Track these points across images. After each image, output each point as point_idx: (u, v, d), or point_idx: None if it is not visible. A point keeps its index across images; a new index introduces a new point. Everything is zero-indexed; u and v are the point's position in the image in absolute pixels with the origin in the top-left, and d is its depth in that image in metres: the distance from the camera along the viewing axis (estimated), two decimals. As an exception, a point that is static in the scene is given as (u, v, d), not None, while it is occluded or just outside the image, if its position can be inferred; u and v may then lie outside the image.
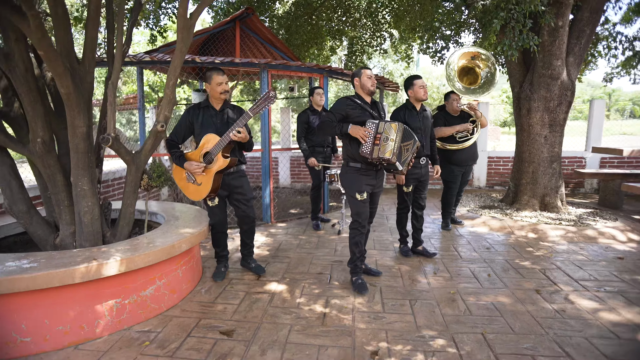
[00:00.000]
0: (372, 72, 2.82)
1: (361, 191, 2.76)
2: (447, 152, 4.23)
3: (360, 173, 2.77)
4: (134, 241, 2.48)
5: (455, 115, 4.25)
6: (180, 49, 2.47)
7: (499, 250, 3.61)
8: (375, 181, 2.83)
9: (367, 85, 2.77)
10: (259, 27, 6.35)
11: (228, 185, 2.86)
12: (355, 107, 2.76)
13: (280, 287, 2.86)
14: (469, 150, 4.21)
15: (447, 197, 4.37)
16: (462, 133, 4.15)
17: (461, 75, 4.25)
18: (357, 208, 2.80)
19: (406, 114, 3.29)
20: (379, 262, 3.34)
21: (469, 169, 4.38)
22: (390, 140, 2.61)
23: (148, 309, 2.37)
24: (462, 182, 4.40)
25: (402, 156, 2.70)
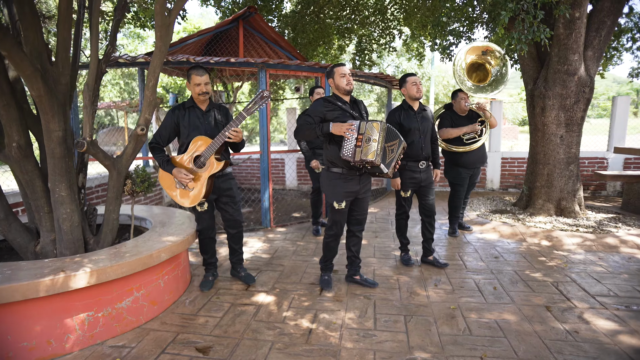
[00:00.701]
0: (347, 69, 2.63)
1: (339, 200, 2.61)
2: (454, 154, 4.00)
3: (343, 179, 2.61)
4: (112, 250, 2.37)
5: (462, 115, 4.01)
6: (159, 48, 2.34)
7: (508, 260, 3.35)
8: (359, 187, 2.65)
9: (341, 85, 2.59)
10: (263, 26, 6.22)
11: (217, 189, 2.73)
12: (333, 109, 2.59)
13: (269, 298, 2.70)
14: (477, 152, 3.96)
15: (454, 201, 4.13)
16: (469, 134, 3.90)
17: (470, 72, 4.00)
18: (334, 216, 2.67)
19: (402, 115, 3.08)
20: (377, 272, 3.14)
21: (477, 171, 4.12)
22: (373, 140, 2.42)
23: (124, 322, 2.25)
24: (469, 185, 4.14)
25: (387, 157, 2.51)
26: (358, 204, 2.72)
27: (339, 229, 2.72)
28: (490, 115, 3.89)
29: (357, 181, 2.62)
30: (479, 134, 3.94)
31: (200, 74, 2.58)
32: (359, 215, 2.76)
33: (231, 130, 2.42)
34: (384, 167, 2.47)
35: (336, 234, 2.74)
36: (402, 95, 3.22)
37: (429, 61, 18.09)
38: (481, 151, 4.00)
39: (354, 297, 2.69)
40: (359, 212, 2.74)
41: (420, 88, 3.05)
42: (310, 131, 2.54)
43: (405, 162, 3.09)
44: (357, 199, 2.70)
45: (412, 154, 3.06)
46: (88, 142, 2.25)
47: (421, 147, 3.07)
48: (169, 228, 2.87)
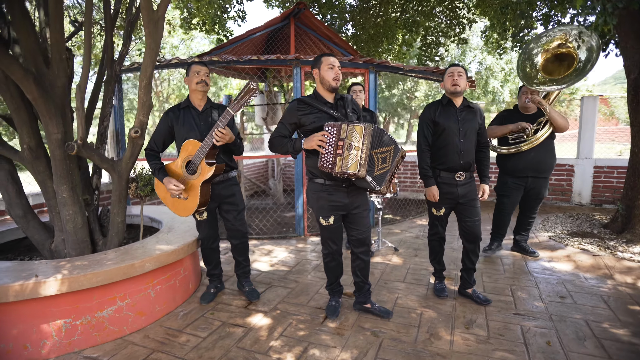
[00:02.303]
0: (336, 61, 2.17)
1: (325, 216, 2.22)
2: (498, 157, 3.34)
3: (326, 191, 2.20)
4: (99, 256, 2.31)
5: (526, 115, 3.26)
6: (149, 46, 2.21)
7: (580, 303, 2.55)
8: (348, 200, 2.21)
9: (327, 77, 2.15)
10: (315, 22, 5.97)
11: (218, 196, 2.52)
12: (309, 111, 2.17)
13: (264, 320, 2.42)
14: (529, 157, 3.20)
15: (498, 216, 3.43)
16: (516, 133, 3.16)
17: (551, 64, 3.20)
18: (322, 234, 2.30)
19: (438, 111, 2.52)
20: (399, 302, 2.64)
21: (538, 183, 3.29)
22: (355, 148, 1.97)
23: (106, 332, 2.17)
24: (528, 200, 3.36)
25: (376, 168, 2.02)
26: (353, 220, 2.28)
27: (332, 249, 2.34)
28: (547, 111, 3.08)
29: (345, 193, 2.20)
30: (528, 134, 3.16)
31: (199, 65, 2.42)
32: (359, 234, 2.30)
33: (217, 131, 2.18)
34: (373, 182, 2.01)
35: (330, 253, 2.36)
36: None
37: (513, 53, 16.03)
38: (536, 157, 3.21)
39: (359, 332, 2.25)
40: (357, 231, 2.29)
41: (458, 81, 2.44)
42: (282, 147, 2.19)
43: (438, 173, 2.53)
44: (350, 215, 2.27)
45: (446, 160, 2.49)
46: (79, 144, 2.22)
47: (459, 154, 2.47)
48: (172, 234, 2.77)
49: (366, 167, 1.99)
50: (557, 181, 5.47)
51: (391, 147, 2.04)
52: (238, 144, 2.47)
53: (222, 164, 2.38)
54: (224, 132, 2.19)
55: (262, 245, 4.04)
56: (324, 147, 2.04)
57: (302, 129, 2.22)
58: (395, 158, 2.04)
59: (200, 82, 2.39)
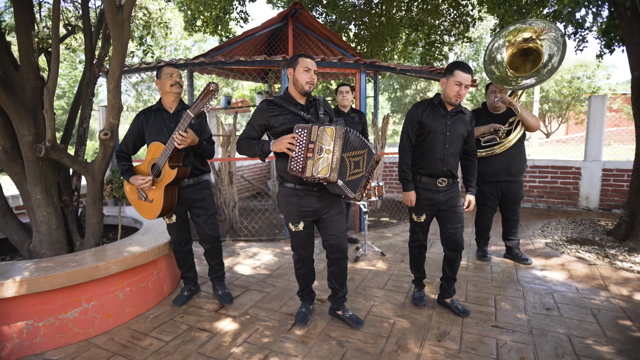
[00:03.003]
0: (313, 64, 2.08)
1: (294, 221, 2.14)
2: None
3: (296, 195, 2.12)
4: (66, 257, 2.31)
5: (496, 114, 3.15)
6: (115, 48, 2.20)
7: (566, 317, 2.40)
8: (319, 204, 2.13)
9: (301, 80, 2.07)
10: (313, 23, 5.92)
11: (187, 199, 2.50)
12: (279, 113, 2.09)
13: (231, 326, 2.38)
14: (500, 161, 3.08)
15: (479, 223, 3.36)
16: (488, 136, 3.02)
17: (517, 60, 3.08)
18: (292, 241, 2.22)
19: (426, 111, 2.36)
20: (373, 310, 2.55)
21: (512, 186, 3.17)
22: (326, 151, 1.89)
23: (70, 334, 2.17)
24: (507, 203, 3.25)
25: (348, 172, 1.94)
26: (325, 225, 2.20)
27: (302, 255, 2.26)
28: (519, 111, 2.94)
29: (316, 198, 2.13)
30: (500, 135, 3.02)
31: (171, 66, 2.40)
32: (332, 240, 2.22)
33: (177, 134, 2.15)
34: (345, 188, 1.93)
35: (300, 260, 2.29)
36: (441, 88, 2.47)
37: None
38: (508, 160, 3.08)
39: (325, 341, 2.18)
40: (330, 236, 2.21)
41: (463, 94, 2.24)
42: (250, 149, 2.11)
43: (419, 177, 2.42)
44: (322, 220, 2.19)
45: (428, 166, 2.37)
46: (47, 146, 2.23)
47: (442, 160, 2.34)
48: (148, 235, 2.77)
49: (337, 171, 1.91)
50: (563, 184, 5.23)
51: (364, 151, 1.96)
52: (205, 146, 2.43)
53: (187, 167, 2.35)
54: (185, 135, 2.15)
55: (250, 247, 4.01)
56: (293, 150, 1.96)
57: (271, 131, 2.15)
58: (370, 163, 1.97)
59: (175, 84, 2.37)
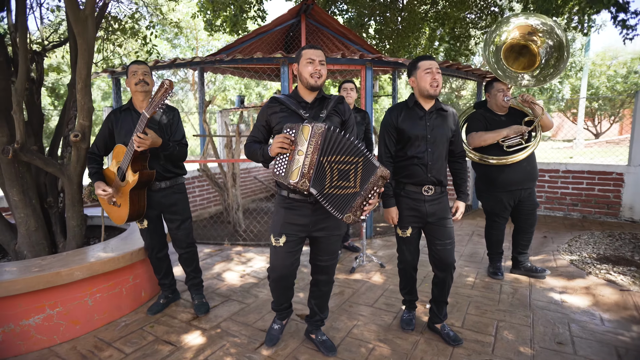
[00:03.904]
0: (318, 54, 1.84)
1: (276, 234, 1.87)
2: (489, 170, 2.82)
3: (287, 206, 1.88)
4: (34, 261, 2.27)
5: (501, 114, 2.79)
6: (81, 47, 2.13)
7: (581, 355, 2.02)
8: (309, 219, 1.86)
9: (305, 73, 1.83)
10: (326, 19, 5.71)
11: (158, 204, 2.39)
12: (280, 110, 1.86)
13: (198, 340, 2.23)
14: (523, 166, 2.75)
15: (491, 236, 3.01)
16: (512, 139, 2.66)
17: (509, 58, 2.72)
18: (270, 257, 1.93)
19: (401, 116, 2.11)
20: (354, 332, 2.30)
21: (527, 193, 2.83)
22: (299, 152, 1.65)
23: (32, 341, 2.12)
24: (523, 213, 2.90)
25: (328, 182, 1.68)
26: (317, 244, 1.96)
27: (277, 275, 1.95)
28: (542, 111, 2.58)
29: (310, 211, 1.85)
30: (525, 138, 2.66)
31: (138, 64, 2.28)
32: (321, 262, 1.99)
33: (135, 136, 2.02)
34: (325, 202, 1.67)
35: (275, 280, 1.98)
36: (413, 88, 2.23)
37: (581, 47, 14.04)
38: (529, 165, 2.76)
39: (290, 366, 1.98)
40: (320, 258, 1.98)
41: (439, 80, 2.01)
42: (254, 157, 1.88)
43: (403, 186, 2.15)
44: (312, 238, 1.94)
45: (412, 173, 2.10)
46: (16, 148, 2.19)
47: (426, 165, 2.06)
48: (127, 240, 2.69)
49: (311, 178, 1.65)
50: (601, 192, 4.64)
51: (357, 159, 1.66)
52: (171, 148, 2.28)
53: (152, 170, 2.22)
54: (143, 137, 2.03)
55: (246, 252, 3.88)
56: (283, 152, 1.70)
57: (273, 132, 1.92)
58: (368, 178, 1.67)
59: (139, 82, 2.25)
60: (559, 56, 2.61)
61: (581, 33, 6.50)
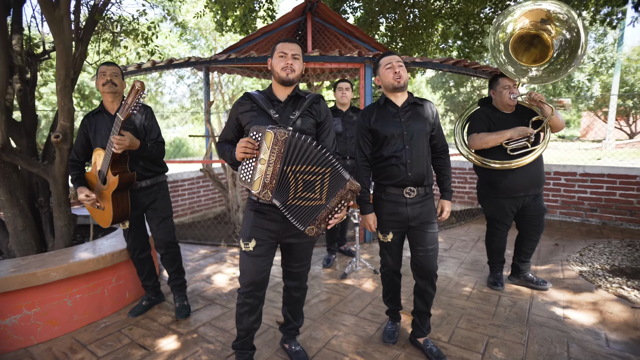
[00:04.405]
0: (292, 48, 1.71)
1: (246, 238, 1.75)
2: (490, 174, 2.63)
3: (257, 210, 1.76)
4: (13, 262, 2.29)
5: (507, 113, 2.59)
6: (57, 47, 2.12)
7: (576, 378, 1.83)
8: (279, 225, 1.74)
9: (276, 69, 1.70)
10: (333, 17, 5.60)
11: (140, 203, 2.36)
12: (249, 108, 1.74)
13: (172, 345, 2.19)
14: (528, 171, 2.53)
15: (492, 243, 2.81)
16: (517, 142, 2.46)
17: (518, 50, 2.50)
18: (240, 262, 1.81)
19: (373, 117, 1.99)
20: (333, 342, 2.19)
21: (534, 200, 2.62)
22: (261, 161, 1.54)
23: (8, 341, 2.13)
24: (530, 219, 2.67)
25: (292, 193, 1.57)
26: (288, 251, 1.86)
27: (247, 286, 1.76)
28: (552, 110, 2.36)
29: (279, 217, 1.71)
30: (532, 140, 2.45)
31: (107, 65, 2.25)
32: (292, 268, 1.89)
33: (112, 138, 2.00)
34: (288, 213, 1.58)
35: (246, 285, 1.77)
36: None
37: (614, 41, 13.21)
38: (535, 169, 2.54)
39: (259, 377, 1.89)
40: (290, 264, 1.89)
41: (401, 72, 1.92)
42: (224, 158, 1.78)
43: (383, 188, 2.02)
44: (283, 244, 1.84)
45: (391, 175, 1.97)
46: (-3, 149, 2.22)
47: (405, 164, 1.93)
48: (113, 241, 2.69)
49: (273, 189, 1.55)
50: (623, 197, 4.30)
51: (325, 170, 1.55)
52: (149, 149, 2.24)
53: (132, 173, 2.20)
54: (119, 138, 2.00)
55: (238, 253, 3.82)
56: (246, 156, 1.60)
57: (244, 132, 1.78)
58: (335, 190, 1.56)
59: (107, 83, 2.21)
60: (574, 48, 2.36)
61: (609, 27, 6.10)
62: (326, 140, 1.82)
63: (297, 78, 1.74)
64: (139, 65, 3.81)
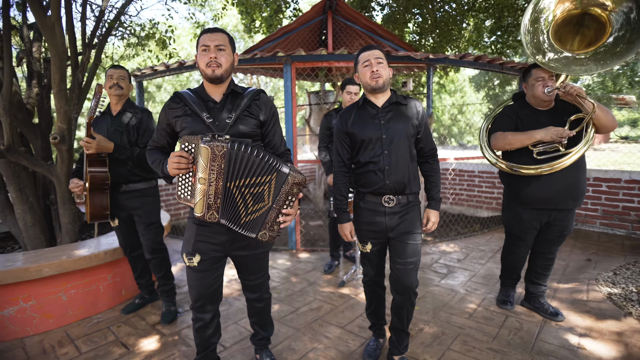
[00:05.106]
0: (214, 39, 1.52)
1: (189, 253, 1.62)
2: (512, 179, 2.30)
3: (199, 222, 1.61)
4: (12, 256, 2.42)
5: (541, 110, 2.23)
6: (51, 53, 2.21)
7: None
8: (225, 237, 1.62)
9: (201, 65, 1.55)
10: (353, 14, 5.45)
11: (123, 206, 2.39)
12: (181, 113, 1.56)
13: (152, 345, 2.20)
14: (560, 180, 2.14)
15: (506, 260, 2.53)
16: (547, 145, 2.12)
17: (566, 37, 2.16)
18: (187, 280, 1.69)
19: (351, 118, 1.83)
20: (309, 356, 2.09)
21: (566, 215, 2.25)
22: (200, 181, 1.42)
23: (5, 331, 2.26)
24: (548, 235, 2.33)
25: (241, 211, 1.47)
26: (239, 264, 1.76)
27: (197, 302, 1.68)
28: (593, 107, 2.00)
29: (224, 228, 1.59)
30: (564, 143, 2.10)
31: (115, 68, 2.32)
32: (248, 281, 1.81)
33: (81, 142, 2.05)
34: (239, 228, 1.49)
35: (197, 307, 1.70)
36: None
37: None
38: (571, 178, 2.15)
39: (224, 387, 1.84)
40: (247, 277, 1.80)
41: (380, 71, 1.74)
42: (154, 167, 1.62)
43: (362, 196, 1.88)
44: (235, 257, 1.72)
45: (368, 182, 1.82)
46: (2, 149, 2.36)
47: (382, 170, 1.76)
48: (110, 238, 2.77)
49: (219, 209, 1.45)
50: (677, 209, 3.74)
51: (270, 177, 1.44)
52: (127, 152, 2.24)
53: (104, 174, 2.22)
54: (87, 140, 2.09)
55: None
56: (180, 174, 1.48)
57: (179, 137, 1.62)
58: (281, 188, 1.45)
59: (114, 86, 2.29)
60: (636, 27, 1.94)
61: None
62: (273, 140, 1.69)
63: (226, 72, 1.55)
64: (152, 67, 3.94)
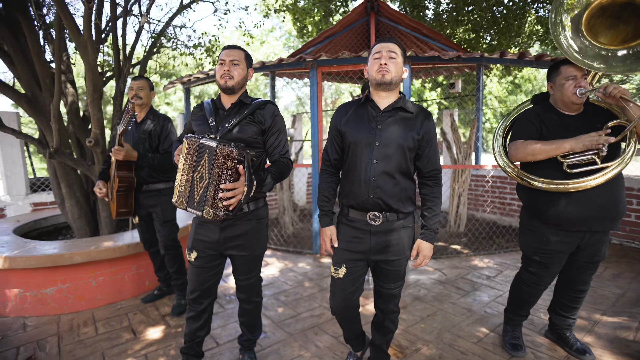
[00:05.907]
0: (231, 52, 1.70)
1: (189, 248, 1.79)
2: (533, 195, 1.92)
3: (197, 220, 1.79)
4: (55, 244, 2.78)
5: (570, 114, 1.88)
6: (85, 66, 2.52)
7: None
8: (218, 236, 1.71)
9: (217, 76, 1.72)
10: (396, 14, 5.30)
11: (143, 204, 2.61)
12: (197, 117, 1.80)
13: (155, 334, 2.38)
14: (597, 196, 1.76)
15: (522, 290, 2.09)
16: (580, 155, 1.77)
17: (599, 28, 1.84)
18: (188, 274, 1.84)
19: (347, 115, 1.68)
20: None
21: (599, 239, 1.86)
22: (178, 170, 1.60)
23: (48, 307, 2.63)
24: (577, 262, 1.96)
25: (196, 194, 1.56)
26: (233, 263, 1.84)
27: (193, 287, 1.78)
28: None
29: (217, 227, 1.72)
30: (602, 154, 1.74)
31: (135, 79, 2.56)
32: (239, 280, 1.86)
33: (113, 150, 2.30)
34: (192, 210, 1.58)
35: (192, 300, 1.80)
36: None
37: None
38: (609, 194, 1.77)
39: (203, 382, 1.92)
40: (237, 277, 1.86)
41: (389, 65, 1.54)
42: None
43: (347, 211, 1.69)
44: (229, 256, 1.80)
45: (351, 193, 1.64)
46: (51, 152, 2.75)
47: (367, 182, 1.58)
48: (136, 232, 3.06)
49: (187, 196, 1.58)
50: None
51: (205, 155, 1.52)
52: (149, 159, 2.44)
53: (132, 177, 2.45)
54: (116, 149, 2.31)
55: (272, 256, 3.92)
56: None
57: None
58: (213, 163, 1.48)
59: (134, 97, 2.53)
60: None
61: None
62: (272, 146, 1.77)
63: (238, 85, 1.73)
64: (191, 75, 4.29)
